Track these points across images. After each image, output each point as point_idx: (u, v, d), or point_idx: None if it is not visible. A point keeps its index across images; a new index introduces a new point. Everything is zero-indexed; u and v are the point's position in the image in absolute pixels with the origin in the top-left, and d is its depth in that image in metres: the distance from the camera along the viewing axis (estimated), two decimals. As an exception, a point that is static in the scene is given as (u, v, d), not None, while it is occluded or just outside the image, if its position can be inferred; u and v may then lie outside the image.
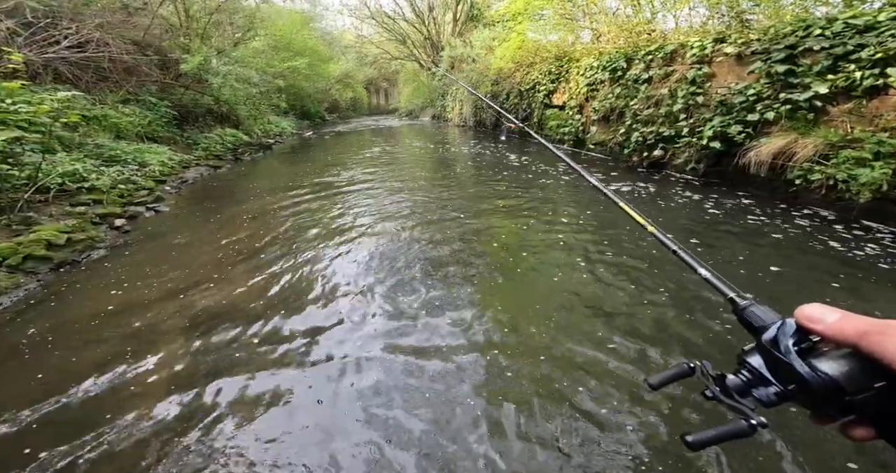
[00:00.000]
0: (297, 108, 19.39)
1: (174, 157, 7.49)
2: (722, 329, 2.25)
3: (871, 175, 3.50)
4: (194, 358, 2.16)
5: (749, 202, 4.49)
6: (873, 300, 2.52)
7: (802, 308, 0.38)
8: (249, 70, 10.47)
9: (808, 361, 0.36)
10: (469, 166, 7.91)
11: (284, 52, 14.28)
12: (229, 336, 2.34)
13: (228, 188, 6.33)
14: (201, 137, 9.39)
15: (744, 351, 0.43)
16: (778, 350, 0.39)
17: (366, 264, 3.27)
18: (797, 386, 0.37)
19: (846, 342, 0.34)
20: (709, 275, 0.54)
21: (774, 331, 0.40)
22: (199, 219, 4.64)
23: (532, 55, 11.61)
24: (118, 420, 1.77)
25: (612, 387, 1.86)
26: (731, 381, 0.41)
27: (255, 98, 11.54)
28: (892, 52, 3.60)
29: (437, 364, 2.06)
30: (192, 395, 1.90)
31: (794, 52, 4.35)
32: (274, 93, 13.48)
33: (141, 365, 2.13)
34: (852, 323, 0.34)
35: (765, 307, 0.44)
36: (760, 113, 4.56)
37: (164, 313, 2.60)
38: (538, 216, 4.35)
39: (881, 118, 3.66)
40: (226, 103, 10.50)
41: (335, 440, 1.64)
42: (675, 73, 6.10)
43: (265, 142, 11.97)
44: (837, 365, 0.35)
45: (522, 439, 1.61)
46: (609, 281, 2.86)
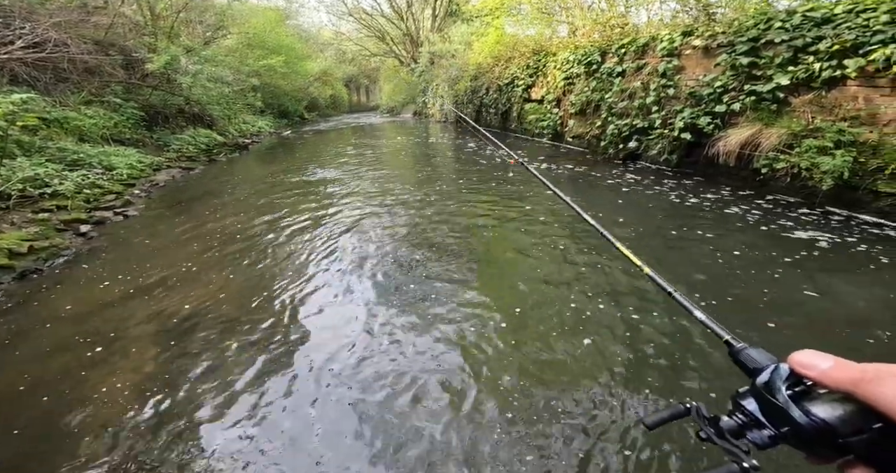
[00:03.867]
0: (274, 107, 18.99)
1: (143, 160, 7.25)
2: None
3: (833, 163, 3.66)
4: (165, 364, 2.12)
5: (719, 190, 4.64)
6: (826, 285, 2.65)
7: (795, 354, 0.39)
8: (222, 69, 10.21)
9: (801, 405, 0.37)
10: (450, 161, 7.93)
11: (259, 49, 13.95)
12: (202, 340, 2.30)
13: (202, 190, 6.17)
14: (172, 138, 9.12)
15: (738, 393, 0.43)
16: (772, 394, 0.39)
17: (346, 262, 3.25)
18: (791, 429, 0.37)
19: (840, 389, 0.35)
20: (704, 318, 0.55)
21: (768, 375, 0.41)
22: (171, 224, 4.52)
23: (510, 50, 11.65)
24: (84, 427, 1.73)
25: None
26: (726, 423, 0.42)
27: (229, 97, 11.26)
28: (848, 45, 3.75)
29: (414, 374, 2.07)
30: (162, 400, 1.87)
31: (757, 45, 4.49)
32: (249, 92, 13.18)
33: (108, 371, 2.08)
34: (845, 372, 0.35)
35: (759, 349, 0.45)
36: (727, 104, 4.71)
37: (133, 319, 2.54)
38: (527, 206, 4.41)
39: (840, 108, 3.82)
40: (197, 103, 10.22)
41: (314, 443, 1.64)
42: (647, 66, 6.23)
43: (241, 142, 11.69)
44: (832, 408, 0.35)
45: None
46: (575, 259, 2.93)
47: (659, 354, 2.04)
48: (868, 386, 0.32)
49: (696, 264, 2.90)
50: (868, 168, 3.58)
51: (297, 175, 6.98)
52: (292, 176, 6.93)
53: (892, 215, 3.50)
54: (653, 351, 2.07)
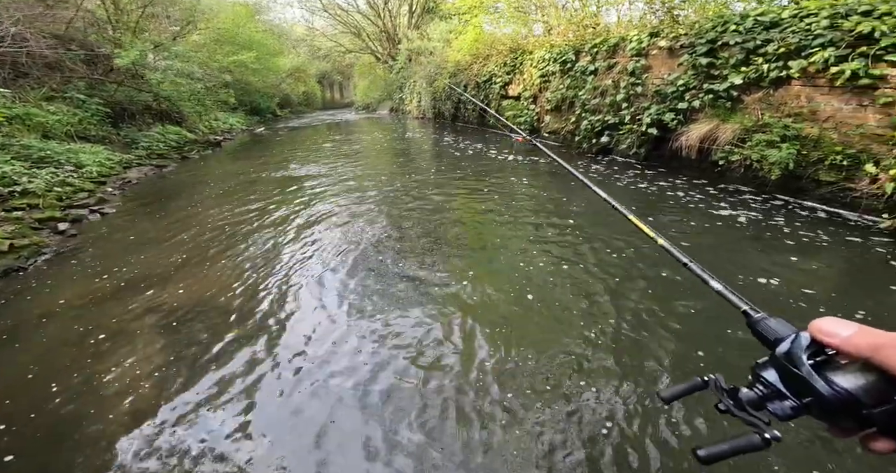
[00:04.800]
0: (245, 104, 18.72)
1: (112, 157, 7.16)
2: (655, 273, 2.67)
3: (780, 155, 4.12)
4: (159, 357, 2.24)
5: (682, 181, 5.10)
6: (732, 250, 3.06)
7: (816, 321, 0.39)
8: (192, 65, 10.09)
9: (824, 375, 0.37)
10: (433, 155, 8.17)
11: (229, 45, 13.78)
12: (193, 335, 2.42)
13: (178, 187, 6.18)
14: (140, 136, 8.97)
15: (757, 364, 0.43)
16: (793, 364, 0.39)
17: (330, 253, 3.45)
18: (813, 399, 0.37)
19: (860, 355, 0.35)
20: (721, 288, 0.55)
21: (789, 345, 0.40)
22: (150, 220, 4.57)
23: (488, 48, 11.99)
24: (82, 424, 1.83)
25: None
26: (745, 395, 0.42)
27: (200, 93, 11.12)
28: (792, 47, 4.22)
29: (415, 360, 2.21)
30: (177, 390, 1.99)
31: (715, 46, 4.95)
32: (221, 89, 13.01)
33: (105, 366, 2.19)
34: (866, 338, 0.34)
35: (780, 320, 0.44)
36: (688, 101, 5.16)
37: (131, 312, 2.66)
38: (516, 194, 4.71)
39: (786, 105, 4.30)
40: (166, 99, 10.06)
41: (310, 435, 1.72)
42: (618, 65, 6.66)
43: (213, 139, 11.55)
44: (854, 378, 0.35)
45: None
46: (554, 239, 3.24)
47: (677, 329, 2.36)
48: (887, 351, 0.32)
49: (620, 229, 3.56)
50: (810, 159, 4.06)
51: (275, 171, 7.07)
52: (270, 172, 7.01)
53: (832, 201, 3.98)
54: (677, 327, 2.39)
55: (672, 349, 2.12)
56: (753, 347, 0.47)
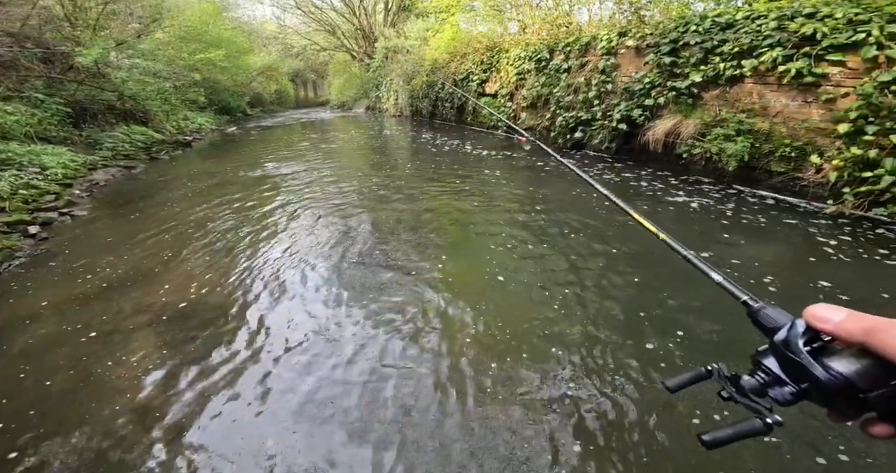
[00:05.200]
0: (215, 103, 18.39)
1: (76, 159, 7.04)
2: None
3: (735, 148, 4.52)
4: (156, 354, 2.33)
5: (647, 173, 5.51)
6: (727, 240, 3.41)
7: (810, 308, 0.40)
8: (158, 63, 9.95)
9: (820, 360, 0.38)
10: (412, 152, 8.36)
11: (196, 43, 13.58)
12: (187, 332, 2.52)
13: (149, 188, 6.15)
14: (104, 136, 8.80)
15: (758, 351, 0.45)
16: (790, 350, 0.40)
17: (309, 249, 3.60)
18: (811, 384, 0.38)
19: (853, 340, 0.36)
20: (722, 280, 0.57)
21: (786, 332, 0.42)
22: (125, 221, 4.59)
23: (465, 46, 12.27)
24: (82, 420, 1.92)
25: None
26: (747, 382, 0.44)
27: (168, 92, 10.95)
28: (745, 47, 4.64)
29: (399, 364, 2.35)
30: (161, 391, 2.06)
31: (677, 46, 5.34)
32: (190, 88, 12.82)
33: (101, 364, 2.27)
34: (858, 322, 0.36)
35: (777, 309, 0.46)
36: (654, 98, 5.55)
37: (120, 312, 2.73)
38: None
39: (740, 102, 4.71)
40: (131, 98, 9.88)
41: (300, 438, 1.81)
42: (590, 63, 7.03)
43: (182, 139, 11.38)
44: (850, 363, 0.37)
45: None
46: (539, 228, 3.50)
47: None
48: (879, 335, 0.34)
49: (586, 214, 3.93)
50: (762, 152, 4.47)
51: (250, 170, 7.10)
52: (245, 171, 7.04)
53: (783, 190, 4.40)
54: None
55: (627, 313, 2.40)
56: (699, 314, 0.68)
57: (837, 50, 3.91)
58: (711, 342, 2.21)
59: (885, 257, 3.04)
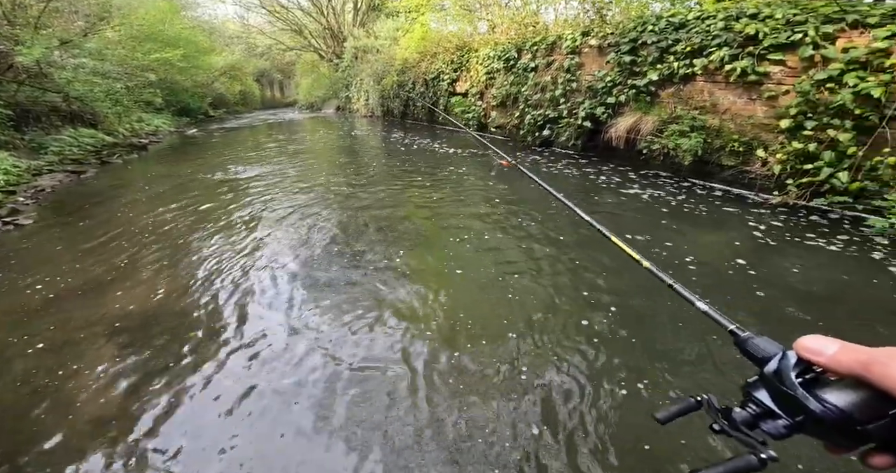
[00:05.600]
0: (173, 104, 17.85)
1: (19, 164, 6.74)
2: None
3: (690, 143, 4.82)
4: (113, 364, 2.29)
5: (608, 168, 5.82)
6: (680, 230, 3.65)
7: (801, 340, 0.40)
8: (108, 63, 9.62)
9: (814, 393, 0.38)
10: (382, 152, 8.40)
11: (151, 42, 13.20)
12: (144, 341, 2.48)
13: (100, 194, 5.95)
14: (49, 140, 8.44)
15: (748, 383, 0.44)
16: (782, 382, 0.40)
17: (273, 252, 3.61)
18: (806, 417, 0.38)
19: (849, 373, 0.36)
20: (707, 308, 0.57)
21: (777, 364, 0.41)
22: (75, 229, 4.45)
23: (435, 45, 12.42)
24: (37, 435, 1.90)
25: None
26: (739, 415, 0.43)
27: (119, 93, 10.60)
28: (696, 46, 4.95)
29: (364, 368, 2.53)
30: (120, 402, 2.05)
31: (636, 45, 5.64)
32: (144, 88, 12.44)
33: (55, 377, 2.22)
34: (853, 355, 0.36)
35: (765, 338, 0.46)
36: (616, 96, 5.83)
37: (65, 324, 2.67)
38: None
39: (693, 99, 5.03)
40: (78, 100, 9.50)
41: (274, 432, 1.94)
42: (556, 62, 7.29)
43: (137, 142, 11.02)
44: (845, 394, 0.36)
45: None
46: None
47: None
48: (878, 368, 0.33)
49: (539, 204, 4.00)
50: (714, 147, 4.78)
51: (210, 173, 6.97)
52: (205, 174, 6.91)
53: (733, 182, 4.72)
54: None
55: (575, 290, 2.56)
56: (636, 291, 0.78)
57: (778, 49, 4.24)
58: (637, 315, 2.45)
59: (806, 239, 3.40)
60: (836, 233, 3.48)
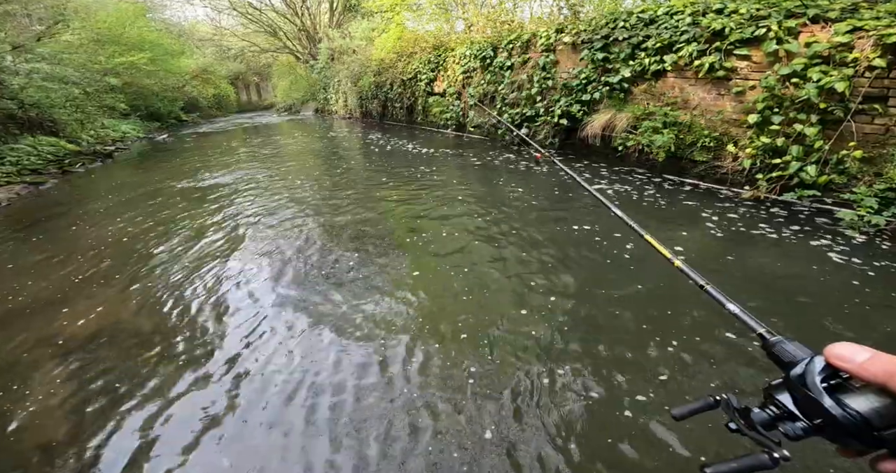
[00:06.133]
0: (141, 109, 17.53)
1: (-29, 177, 6.53)
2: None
3: (663, 139, 4.90)
4: (61, 388, 2.21)
5: (581, 166, 5.91)
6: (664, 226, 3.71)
7: (832, 346, 0.41)
8: (64, 67, 9.41)
9: (836, 398, 0.39)
10: (361, 153, 8.37)
11: (114, 46, 12.98)
12: (96, 363, 2.40)
13: (59, 206, 5.81)
14: (6, 150, 8.20)
15: (771, 385, 0.46)
16: (806, 386, 0.41)
17: (248, 264, 3.56)
18: (824, 421, 0.39)
19: (876, 381, 0.37)
20: (738, 311, 0.58)
21: (803, 368, 0.43)
22: (27, 246, 4.32)
23: (412, 45, 12.44)
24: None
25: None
26: (757, 415, 0.45)
27: (79, 99, 10.37)
28: (665, 42, 5.05)
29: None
30: (79, 423, 1.98)
31: (608, 42, 5.72)
32: (105, 93, 12.19)
33: (19, 400, 2.16)
34: (882, 365, 0.37)
35: (795, 343, 0.47)
36: (591, 93, 5.91)
37: (12, 346, 2.60)
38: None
39: (665, 95, 5.12)
40: (34, 107, 9.27)
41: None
42: (531, 60, 7.36)
43: (102, 149, 10.80)
44: (867, 401, 0.38)
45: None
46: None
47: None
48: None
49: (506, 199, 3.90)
50: (686, 142, 4.88)
51: (180, 181, 6.86)
52: (175, 182, 6.79)
53: (706, 177, 4.82)
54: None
55: (546, 265, 2.58)
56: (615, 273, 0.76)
57: (743, 44, 4.35)
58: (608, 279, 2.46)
59: (752, 227, 3.57)
60: (802, 226, 3.58)
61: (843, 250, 3.10)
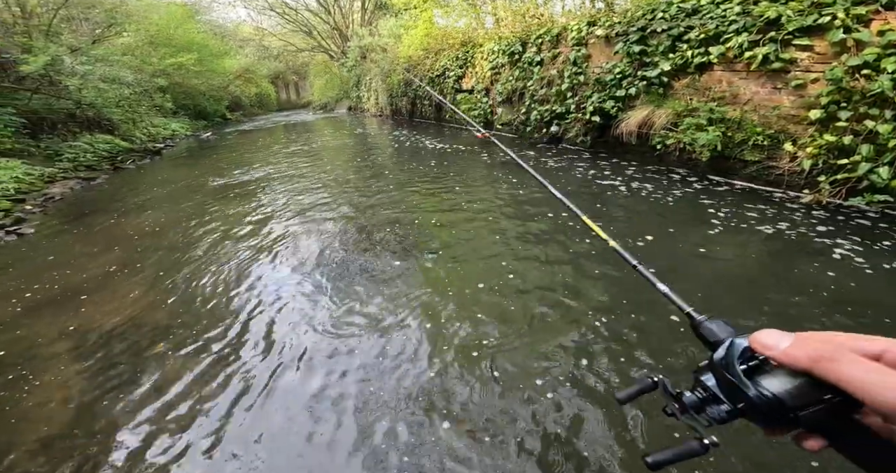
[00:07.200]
0: (189, 108, 17.91)
1: (32, 172, 6.69)
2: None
3: (707, 137, 4.36)
4: (93, 377, 2.12)
5: (623, 165, 5.34)
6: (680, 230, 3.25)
7: (757, 334, 0.40)
8: (120, 69, 9.55)
9: (754, 380, 0.39)
10: (392, 152, 8.12)
11: (164, 48, 13.18)
12: (115, 356, 2.30)
13: (109, 201, 5.83)
14: (65, 147, 8.42)
15: (698, 368, 0.45)
16: (727, 369, 0.41)
17: (280, 260, 3.36)
18: (745, 403, 0.39)
19: (800, 367, 0.36)
20: (667, 290, 0.58)
21: (724, 351, 0.42)
22: (70, 239, 4.30)
23: (440, 42, 12.01)
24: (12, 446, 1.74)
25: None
26: (688, 399, 0.44)
27: (131, 99, 10.56)
28: (711, 33, 4.47)
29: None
30: (93, 413, 1.89)
31: (645, 34, 5.16)
32: (155, 93, 12.41)
33: (30, 389, 2.07)
34: (804, 351, 0.36)
35: (718, 321, 0.47)
36: (626, 89, 5.37)
37: (47, 336, 2.50)
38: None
39: (710, 90, 4.55)
40: (91, 106, 9.47)
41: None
42: (561, 55, 6.83)
43: (152, 147, 11.00)
44: (781, 383, 0.37)
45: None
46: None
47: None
48: (825, 365, 0.34)
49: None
50: (735, 141, 4.32)
51: (221, 178, 6.80)
52: (216, 179, 6.73)
53: (757, 179, 4.26)
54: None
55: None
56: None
57: (803, 34, 3.75)
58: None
59: (812, 236, 3.13)
60: (873, 236, 3.04)
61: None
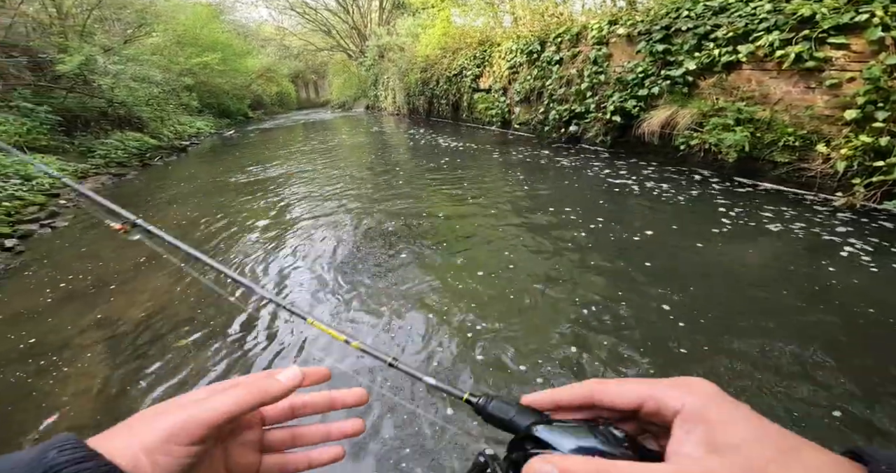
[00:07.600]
0: (213, 107, 18.19)
1: (66, 168, 6.86)
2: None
3: (734, 138, 4.19)
4: (104, 370, 2.14)
5: (644, 166, 5.18)
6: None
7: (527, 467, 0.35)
8: (150, 68, 9.73)
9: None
10: (407, 149, 8.09)
11: (191, 47, 13.39)
12: (157, 342, 2.33)
13: (137, 196, 5.95)
14: (97, 144, 8.61)
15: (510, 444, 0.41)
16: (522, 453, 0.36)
17: (301, 255, 3.36)
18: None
19: None
20: (434, 382, 0.53)
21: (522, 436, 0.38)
22: (100, 232, 4.38)
23: (457, 41, 11.90)
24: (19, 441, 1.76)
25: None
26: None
27: (160, 97, 10.76)
28: (740, 31, 4.28)
29: None
30: (120, 404, 1.92)
31: (669, 32, 4.98)
32: (182, 92, 12.62)
33: (61, 377, 2.11)
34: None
35: (497, 401, 0.42)
36: (648, 88, 5.20)
37: (78, 326, 2.55)
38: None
39: (738, 90, 4.37)
40: (122, 105, 9.68)
41: None
42: (581, 54, 6.67)
43: (179, 144, 11.20)
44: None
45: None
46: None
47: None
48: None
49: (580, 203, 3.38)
50: (764, 141, 4.14)
51: (243, 175, 6.87)
52: (239, 176, 6.81)
53: (787, 181, 4.07)
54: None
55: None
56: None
57: (839, 32, 3.56)
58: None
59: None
60: (892, 238, 2.88)
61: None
